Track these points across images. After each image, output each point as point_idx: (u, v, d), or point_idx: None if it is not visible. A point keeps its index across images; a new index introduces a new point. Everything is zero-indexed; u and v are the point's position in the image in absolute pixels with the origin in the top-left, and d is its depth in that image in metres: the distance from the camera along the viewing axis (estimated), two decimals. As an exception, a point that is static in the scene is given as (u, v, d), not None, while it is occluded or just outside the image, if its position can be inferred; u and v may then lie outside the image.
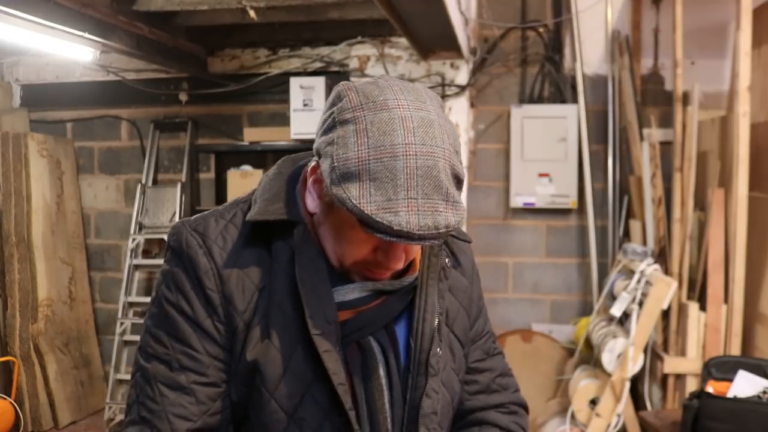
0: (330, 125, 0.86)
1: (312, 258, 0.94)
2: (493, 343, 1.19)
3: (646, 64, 3.54)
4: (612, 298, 3.04)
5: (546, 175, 3.55)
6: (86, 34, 2.85)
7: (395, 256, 0.90)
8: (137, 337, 3.92)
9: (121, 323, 4.00)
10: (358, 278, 0.94)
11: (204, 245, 0.95)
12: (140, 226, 4.05)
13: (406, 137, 0.83)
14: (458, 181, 0.87)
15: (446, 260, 1.04)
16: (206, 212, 1.01)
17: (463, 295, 1.09)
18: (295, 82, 3.60)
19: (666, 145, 3.21)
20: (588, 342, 3.12)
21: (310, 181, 0.94)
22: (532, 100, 3.60)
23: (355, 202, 0.82)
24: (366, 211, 0.81)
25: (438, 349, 0.99)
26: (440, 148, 0.84)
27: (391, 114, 0.84)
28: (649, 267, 2.86)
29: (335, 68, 3.68)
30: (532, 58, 3.62)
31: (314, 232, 0.96)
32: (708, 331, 2.73)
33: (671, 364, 2.80)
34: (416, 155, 0.83)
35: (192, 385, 0.93)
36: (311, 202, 0.95)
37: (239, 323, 0.93)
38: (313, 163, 0.93)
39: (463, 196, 3.53)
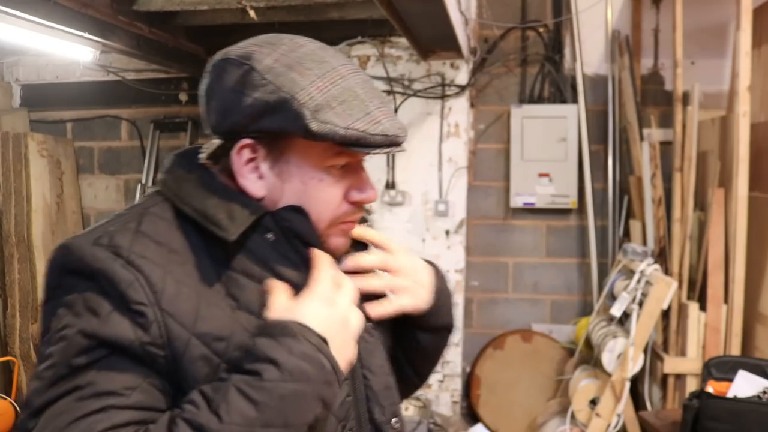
0: (252, 85, 0.81)
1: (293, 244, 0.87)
2: None
3: (646, 64, 3.54)
4: (612, 298, 3.04)
5: (546, 175, 3.55)
6: (86, 34, 2.85)
7: (367, 183, 0.90)
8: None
9: (121, 323, 4.00)
10: (335, 239, 0.90)
11: (119, 256, 0.78)
12: (140, 226, 4.05)
13: (334, 60, 0.85)
14: None
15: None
16: (95, 227, 0.84)
17: None
18: (295, 82, 3.60)
19: (666, 145, 3.21)
20: (588, 342, 3.12)
21: (241, 166, 0.86)
22: (532, 100, 3.60)
23: (345, 127, 0.80)
24: (361, 130, 0.81)
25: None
26: (362, 70, 0.90)
27: (305, 48, 0.85)
28: (649, 267, 2.86)
29: (335, 68, 3.67)
30: (532, 58, 3.62)
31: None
32: (708, 331, 2.73)
33: (671, 364, 2.80)
34: (354, 72, 0.86)
35: (120, 429, 0.73)
36: (254, 187, 0.86)
37: (187, 338, 0.78)
38: (236, 147, 0.85)
39: (463, 196, 3.54)
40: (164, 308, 0.78)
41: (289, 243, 0.86)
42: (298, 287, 0.84)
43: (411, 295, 0.99)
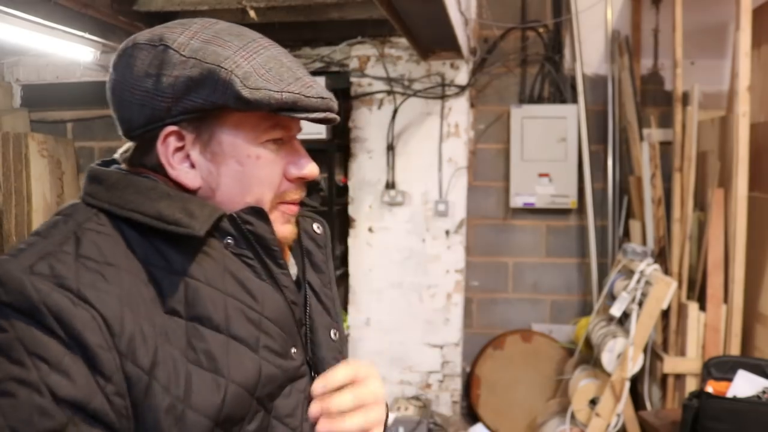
0: (170, 64, 0.75)
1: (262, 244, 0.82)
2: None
3: (645, 64, 3.54)
4: (612, 298, 3.04)
5: (546, 175, 3.55)
6: (87, 35, 2.86)
7: (305, 157, 0.85)
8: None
9: (122, 323, 4.00)
10: (281, 227, 0.83)
11: (67, 288, 0.67)
12: (140, 226, 4.06)
13: (251, 34, 0.82)
14: None
15: (314, 225, 0.96)
16: (19, 249, 0.71)
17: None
18: (295, 83, 3.60)
19: (666, 145, 3.21)
20: (588, 342, 3.12)
21: (169, 156, 0.78)
22: (532, 100, 3.61)
23: (279, 90, 0.75)
24: (296, 92, 0.76)
25: (333, 332, 0.92)
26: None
27: (219, 24, 0.82)
28: (648, 267, 2.86)
29: (335, 68, 3.68)
30: (532, 59, 3.62)
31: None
32: (708, 331, 2.73)
33: (671, 364, 2.81)
34: (273, 45, 0.82)
35: None
36: (187, 177, 0.79)
37: (149, 382, 0.68)
38: (160, 137, 0.77)
39: (463, 196, 3.54)
40: (123, 351, 0.67)
41: (250, 247, 0.80)
42: (258, 297, 0.78)
43: (379, 412, 0.83)
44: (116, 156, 0.85)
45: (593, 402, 2.89)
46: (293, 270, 0.89)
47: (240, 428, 0.75)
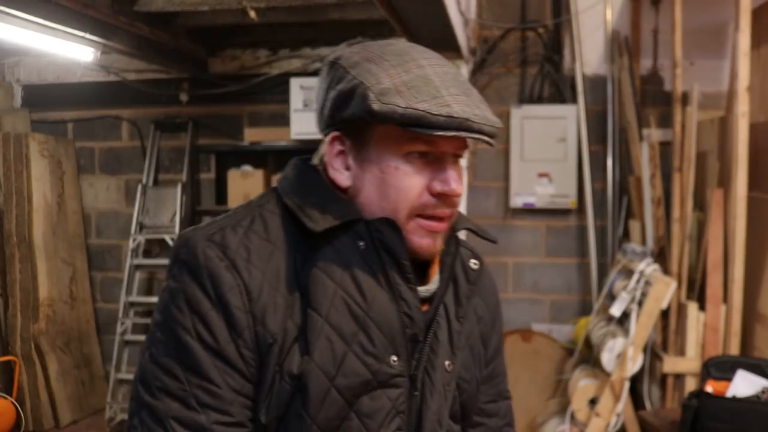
0: (337, 79, 0.86)
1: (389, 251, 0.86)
2: (506, 385, 1.12)
3: (645, 64, 3.55)
4: (611, 297, 3.05)
5: (545, 175, 3.55)
6: (87, 35, 2.86)
7: (450, 176, 0.86)
8: (138, 337, 3.95)
9: (122, 323, 4.01)
10: (418, 239, 0.87)
11: (226, 257, 0.83)
12: (141, 226, 4.06)
13: (418, 54, 0.87)
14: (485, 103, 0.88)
15: (471, 260, 0.98)
16: (215, 221, 0.90)
17: (484, 313, 1.04)
18: (295, 83, 3.61)
19: (665, 146, 3.21)
20: (587, 342, 3.12)
21: (332, 158, 0.90)
22: (531, 101, 3.61)
23: (405, 106, 0.80)
24: (421, 109, 0.79)
25: (447, 363, 0.92)
26: (450, 64, 0.89)
27: (394, 45, 0.88)
28: (648, 267, 2.87)
29: (335, 68, 3.68)
30: (531, 59, 3.63)
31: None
32: (707, 330, 2.73)
33: (670, 364, 2.81)
34: (437, 65, 0.86)
35: (214, 426, 0.81)
36: (341, 177, 0.89)
37: (272, 344, 0.82)
38: (327, 140, 0.90)
39: (463, 196, 3.54)
40: (256, 315, 0.82)
41: (378, 254, 0.86)
42: (368, 297, 0.85)
43: None
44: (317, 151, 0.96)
45: (593, 402, 2.89)
46: (433, 286, 0.93)
47: (320, 407, 0.83)
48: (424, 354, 0.90)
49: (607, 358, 2.81)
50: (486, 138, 0.83)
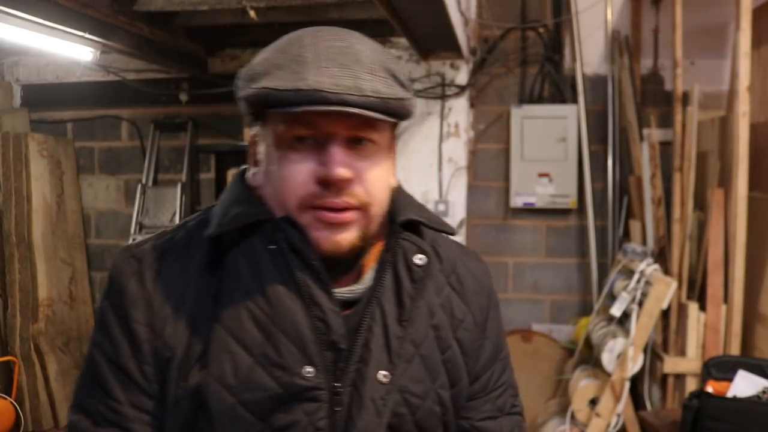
0: None
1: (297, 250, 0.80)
2: (514, 398, 0.98)
3: (645, 64, 3.54)
4: (612, 298, 3.04)
5: (546, 175, 3.55)
6: (86, 35, 2.85)
7: (331, 159, 0.77)
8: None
9: (122, 323, 4.00)
10: (316, 233, 0.80)
11: (137, 270, 0.82)
12: (140, 226, 4.06)
13: (321, 33, 0.79)
14: (394, 77, 0.78)
15: (416, 256, 0.87)
16: (151, 235, 0.89)
17: (464, 316, 0.92)
18: (295, 83, 3.60)
19: (666, 145, 3.21)
20: (588, 342, 3.12)
21: (251, 155, 0.87)
22: (532, 101, 3.61)
23: (258, 86, 0.76)
24: (269, 87, 0.75)
25: (383, 374, 0.81)
26: (360, 42, 0.79)
27: (307, 29, 0.82)
28: (648, 267, 2.86)
29: (335, 68, 3.68)
30: (532, 59, 3.62)
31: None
32: (707, 331, 2.73)
33: (671, 364, 2.81)
34: (333, 41, 0.78)
35: None
36: (252, 176, 0.86)
37: (170, 358, 0.79)
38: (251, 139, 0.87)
39: (463, 196, 3.54)
40: (156, 329, 0.79)
41: (284, 257, 0.80)
42: (273, 304, 0.79)
43: None
44: None
45: (593, 402, 2.89)
46: (361, 286, 0.85)
47: (226, 424, 0.78)
48: (351, 364, 0.80)
49: (607, 359, 2.81)
50: (353, 110, 0.74)
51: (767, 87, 2.85)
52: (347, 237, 0.80)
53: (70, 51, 3.15)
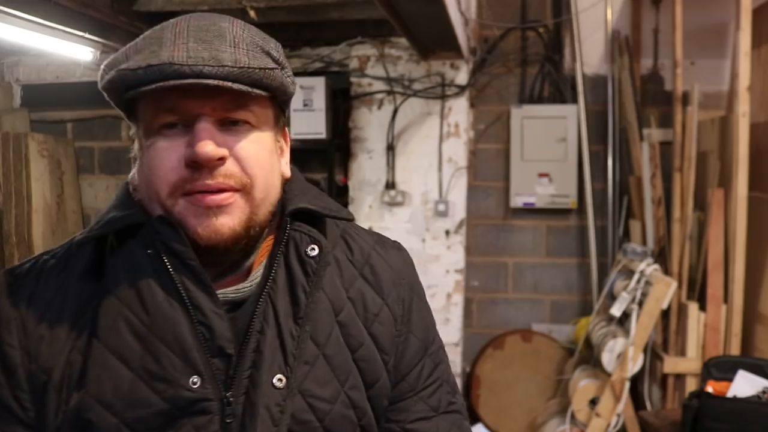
0: None
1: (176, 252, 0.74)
2: (450, 395, 0.90)
3: (645, 64, 3.54)
4: (612, 298, 3.04)
5: (546, 175, 3.55)
6: (86, 34, 2.85)
7: (196, 138, 0.72)
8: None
9: (122, 323, 4.00)
10: (192, 220, 0.74)
11: (12, 290, 0.76)
12: (140, 226, 4.06)
13: (182, 17, 0.76)
14: (264, 51, 0.75)
15: (309, 246, 0.80)
16: (41, 253, 0.83)
17: (379, 310, 0.84)
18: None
19: (666, 145, 3.21)
20: (588, 342, 3.12)
21: (131, 156, 0.82)
22: (532, 101, 3.61)
23: (109, 71, 0.72)
24: (122, 68, 0.70)
25: (278, 378, 0.74)
26: (228, 21, 0.76)
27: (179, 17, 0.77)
28: (648, 267, 2.86)
29: (335, 68, 3.68)
30: (532, 59, 3.62)
31: (146, 213, 0.78)
32: (708, 331, 2.73)
33: (671, 364, 2.81)
34: (192, 20, 0.74)
35: None
36: (133, 176, 0.81)
37: (46, 383, 0.72)
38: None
39: (463, 196, 3.53)
40: (30, 351, 0.73)
41: (162, 260, 0.74)
42: (150, 312, 0.73)
43: None
44: None
45: (593, 402, 2.89)
46: (249, 284, 0.78)
47: None
48: (242, 370, 0.74)
49: (607, 359, 2.81)
50: (210, 81, 0.69)
51: (767, 87, 2.85)
52: (227, 222, 0.74)
53: (70, 51, 3.15)
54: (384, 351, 0.83)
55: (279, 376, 0.74)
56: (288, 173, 0.85)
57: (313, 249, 0.79)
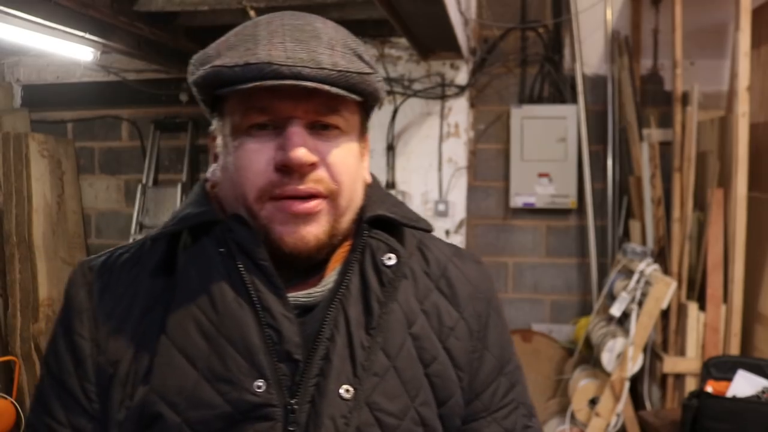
0: None
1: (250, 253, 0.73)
2: (527, 419, 0.86)
3: (645, 64, 3.54)
4: (611, 298, 3.04)
5: (546, 175, 3.55)
6: (87, 35, 2.86)
7: (289, 142, 0.70)
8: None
9: (122, 323, 4.00)
10: (279, 227, 0.72)
11: (87, 281, 0.77)
12: (141, 226, 4.06)
13: (272, 15, 0.74)
14: (357, 54, 0.73)
15: (386, 255, 0.78)
16: (116, 247, 0.84)
17: (455, 324, 0.81)
18: (295, 83, 3.60)
19: (665, 146, 3.21)
20: (588, 342, 3.12)
21: (211, 153, 0.81)
22: (531, 101, 3.61)
23: (207, 67, 0.71)
24: (218, 65, 0.69)
25: (345, 389, 0.72)
26: (320, 21, 0.74)
27: (273, 14, 0.76)
28: (648, 267, 2.87)
29: (335, 68, 3.68)
30: (531, 59, 3.62)
31: (223, 211, 0.77)
32: (707, 330, 2.73)
33: (670, 364, 2.81)
34: (284, 18, 0.72)
35: None
36: (213, 174, 0.79)
37: (112, 376, 0.73)
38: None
39: (463, 196, 3.54)
40: (100, 343, 0.74)
41: (234, 260, 0.73)
42: (219, 311, 0.72)
43: None
44: None
45: (593, 402, 2.89)
46: (321, 289, 0.76)
47: None
48: (309, 377, 0.71)
49: (607, 358, 2.81)
50: (310, 84, 0.67)
51: (767, 87, 2.85)
52: (313, 230, 0.73)
53: (71, 51, 3.16)
54: (459, 367, 0.80)
55: (347, 386, 0.72)
56: (369, 178, 0.83)
57: (390, 258, 0.77)
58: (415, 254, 0.83)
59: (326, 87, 0.68)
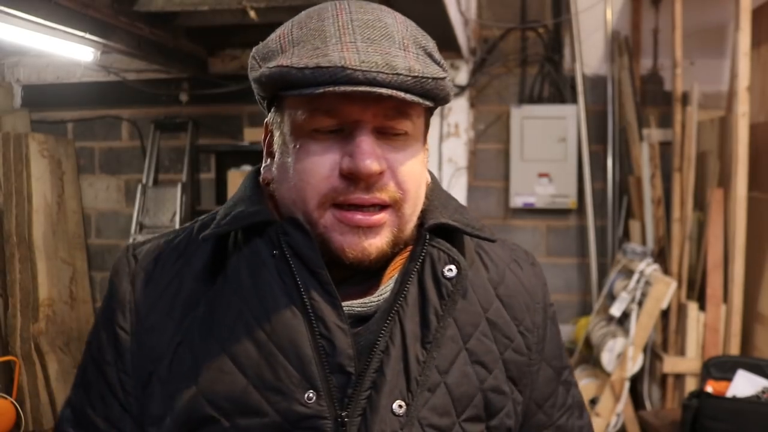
0: None
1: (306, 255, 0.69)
2: (578, 419, 0.86)
3: (645, 64, 3.54)
4: (611, 298, 3.05)
5: (546, 175, 3.55)
6: (87, 35, 2.86)
7: (358, 150, 0.66)
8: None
9: (122, 323, 4.00)
10: (338, 237, 0.69)
11: (130, 272, 0.76)
12: (141, 226, 4.06)
13: (337, 5, 0.69)
14: (429, 54, 0.69)
15: (447, 267, 0.74)
16: (165, 232, 0.82)
17: (514, 336, 0.79)
18: (295, 83, 3.60)
19: (665, 146, 3.21)
20: (588, 342, 3.12)
21: (265, 147, 0.77)
22: (531, 101, 3.61)
23: (273, 65, 0.66)
24: (285, 64, 0.64)
25: (398, 404, 0.69)
26: (389, 15, 0.69)
27: (322, 4, 0.71)
28: (648, 267, 2.87)
29: (335, 68, 3.68)
30: (531, 59, 3.63)
31: (276, 210, 0.74)
32: (707, 330, 2.73)
33: (670, 364, 2.81)
34: (353, 12, 0.68)
35: None
36: (267, 171, 0.75)
37: (152, 373, 0.71)
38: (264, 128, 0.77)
39: (463, 196, 3.54)
40: (141, 337, 0.73)
41: (287, 264, 0.70)
42: (272, 319, 0.69)
43: None
44: None
45: (593, 402, 2.89)
46: (377, 299, 0.73)
47: None
48: (361, 391, 0.69)
49: (607, 358, 2.81)
50: (385, 91, 0.63)
51: (767, 87, 2.86)
52: (375, 242, 0.69)
53: (71, 51, 3.16)
54: (515, 381, 0.78)
55: (399, 402, 0.69)
56: (429, 179, 0.81)
57: (451, 270, 0.73)
58: (475, 261, 0.80)
59: (401, 94, 0.64)
